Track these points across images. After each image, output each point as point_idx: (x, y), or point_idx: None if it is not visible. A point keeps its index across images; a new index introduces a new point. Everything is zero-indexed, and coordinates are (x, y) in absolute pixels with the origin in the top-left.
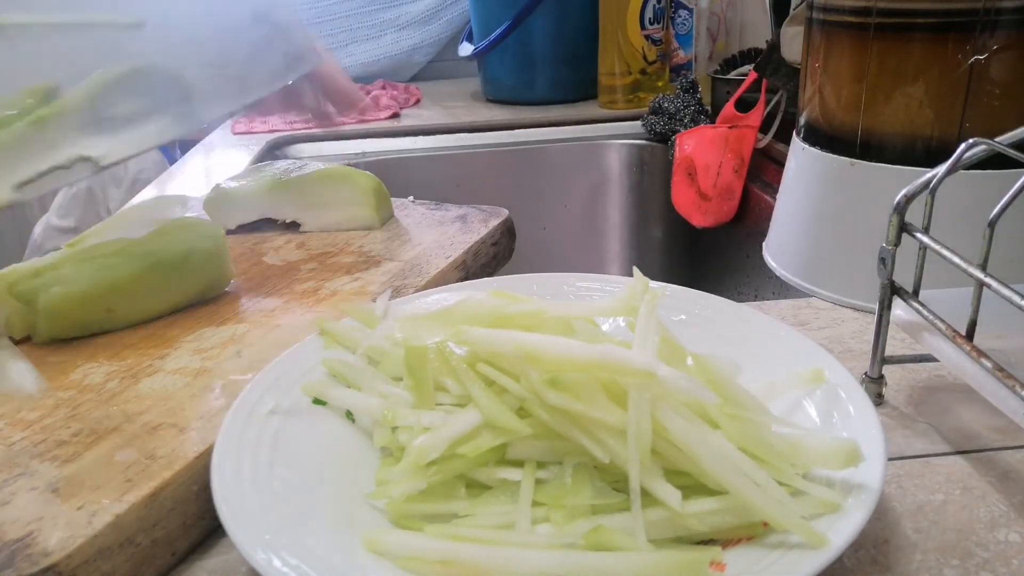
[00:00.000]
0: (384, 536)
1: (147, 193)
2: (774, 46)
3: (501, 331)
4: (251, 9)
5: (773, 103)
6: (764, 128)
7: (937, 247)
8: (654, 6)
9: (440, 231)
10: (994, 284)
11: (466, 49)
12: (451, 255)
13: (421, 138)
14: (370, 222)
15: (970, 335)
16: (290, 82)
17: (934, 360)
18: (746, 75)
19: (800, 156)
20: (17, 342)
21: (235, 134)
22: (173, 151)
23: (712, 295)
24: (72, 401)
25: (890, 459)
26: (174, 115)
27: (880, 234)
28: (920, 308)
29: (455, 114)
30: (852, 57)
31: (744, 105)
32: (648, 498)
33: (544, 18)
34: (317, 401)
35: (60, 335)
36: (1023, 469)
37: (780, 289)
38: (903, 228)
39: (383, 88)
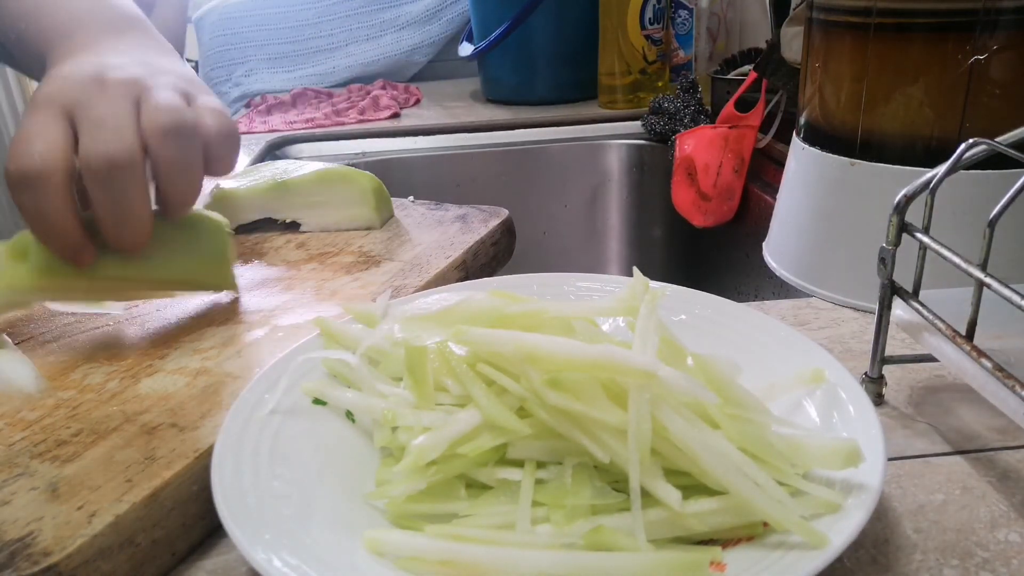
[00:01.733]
0: (384, 536)
1: None
2: (774, 46)
3: (501, 331)
4: None
5: (773, 103)
6: (764, 128)
7: (937, 247)
8: (654, 6)
9: (440, 231)
10: (994, 284)
11: (466, 49)
12: (451, 255)
13: (421, 138)
14: (370, 222)
15: (970, 335)
16: None
17: (934, 360)
18: (746, 75)
19: (800, 156)
20: (17, 343)
21: None
22: None
23: (712, 295)
24: (72, 401)
25: (890, 459)
26: None
27: (880, 234)
28: (920, 308)
29: (455, 114)
30: (852, 57)
31: (744, 105)
32: (648, 498)
33: (544, 18)
34: (317, 401)
35: (48, 290)
36: (1023, 469)
37: (780, 289)
38: (903, 228)
39: (383, 88)
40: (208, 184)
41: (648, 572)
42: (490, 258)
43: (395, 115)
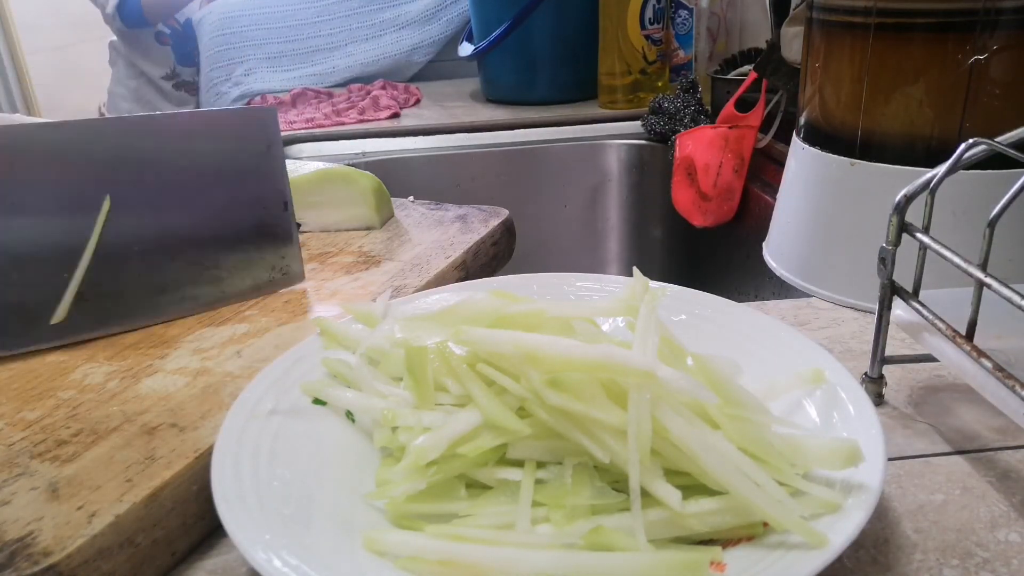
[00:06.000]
0: (384, 536)
1: None
2: (774, 46)
3: (501, 331)
4: (256, 222)
5: (773, 103)
6: (764, 128)
7: (937, 247)
8: (654, 6)
9: (440, 231)
10: (994, 284)
11: (466, 49)
12: (451, 255)
13: (421, 138)
14: (370, 222)
15: (970, 335)
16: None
17: (934, 360)
18: (746, 75)
19: (800, 156)
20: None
21: None
22: None
23: (712, 295)
24: (72, 401)
25: (890, 459)
26: (146, 307)
27: (880, 234)
28: (920, 308)
29: (455, 114)
30: (852, 57)
31: (744, 105)
32: (648, 498)
33: (544, 18)
34: (317, 401)
35: None
36: (1023, 469)
37: (780, 289)
38: (903, 228)
39: (383, 88)
40: None
41: (648, 572)
42: (490, 258)
43: (395, 115)
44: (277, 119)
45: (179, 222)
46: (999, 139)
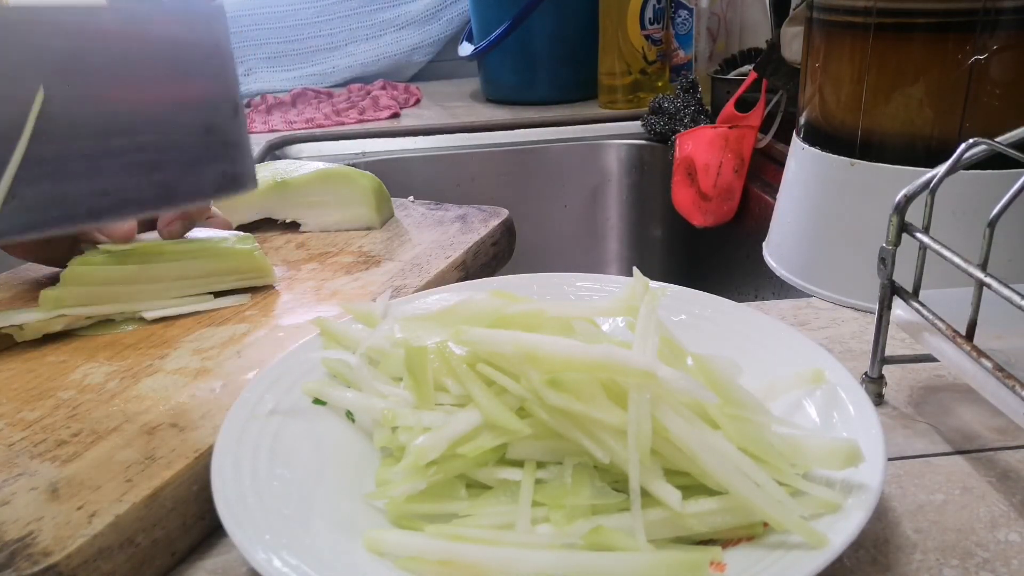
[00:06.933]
0: (384, 536)
1: None
2: (774, 46)
3: (501, 331)
4: (207, 122)
5: (773, 103)
6: (764, 128)
7: (937, 247)
8: (654, 6)
9: (440, 231)
10: (994, 284)
11: (466, 49)
12: (451, 255)
13: (421, 138)
14: (370, 222)
15: (970, 335)
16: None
17: (934, 360)
18: (746, 75)
19: (800, 156)
20: (17, 343)
21: None
22: None
23: (712, 295)
24: (72, 401)
25: (890, 459)
26: (86, 210)
27: (880, 234)
28: (920, 308)
29: (455, 114)
30: (852, 57)
31: (744, 105)
32: (648, 498)
33: (544, 18)
34: (317, 401)
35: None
36: (1023, 469)
37: (780, 289)
38: (903, 228)
39: (383, 88)
40: None
41: (648, 572)
42: (490, 258)
43: (395, 115)
44: (225, 16)
45: (122, 122)
46: (999, 139)
